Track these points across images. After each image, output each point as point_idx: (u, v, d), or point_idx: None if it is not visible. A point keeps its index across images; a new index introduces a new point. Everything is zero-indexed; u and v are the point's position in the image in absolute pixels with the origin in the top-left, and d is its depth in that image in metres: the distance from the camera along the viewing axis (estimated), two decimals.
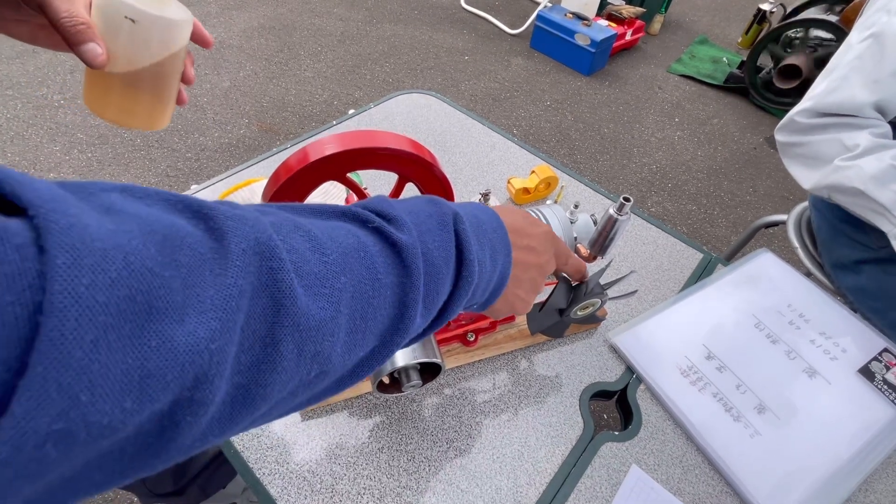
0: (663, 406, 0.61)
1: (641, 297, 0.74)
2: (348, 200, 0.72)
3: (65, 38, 0.37)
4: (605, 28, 2.56)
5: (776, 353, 0.66)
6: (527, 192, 0.85)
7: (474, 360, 0.63)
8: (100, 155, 1.80)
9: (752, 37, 2.97)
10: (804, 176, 0.83)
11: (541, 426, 0.59)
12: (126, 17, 0.37)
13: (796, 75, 2.31)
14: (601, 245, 0.54)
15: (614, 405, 0.66)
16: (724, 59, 2.91)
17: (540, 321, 0.54)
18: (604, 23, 2.63)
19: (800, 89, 2.32)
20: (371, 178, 0.85)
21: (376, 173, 0.84)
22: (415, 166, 0.46)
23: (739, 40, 3.11)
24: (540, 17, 2.61)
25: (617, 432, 0.59)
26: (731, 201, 2.05)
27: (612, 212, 0.51)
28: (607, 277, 0.53)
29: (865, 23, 0.76)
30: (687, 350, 0.66)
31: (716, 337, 0.68)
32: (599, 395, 0.63)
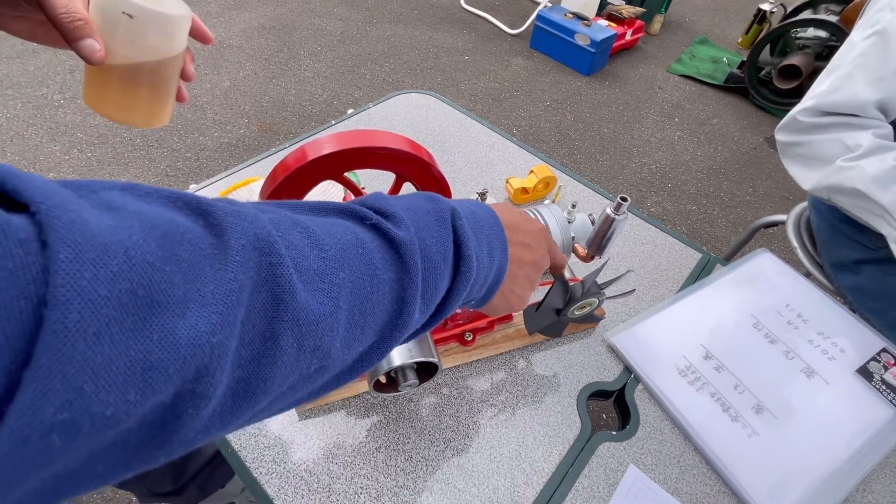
0: (661, 406, 0.61)
1: (640, 297, 0.73)
2: (346, 200, 0.72)
3: (63, 35, 0.36)
4: (605, 28, 2.55)
5: (774, 353, 0.66)
6: (525, 191, 0.85)
7: (472, 359, 0.63)
8: (99, 154, 1.80)
9: (753, 37, 2.96)
10: (804, 176, 0.82)
11: (538, 426, 0.59)
12: (124, 12, 0.37)
13: (796, 75, 2.31)
14: (599, 244, 0.54)
15: (612, 405, 0.66)
16: (725, 59, 2.90)
17: (537, 321, 0.54)
18: (604, 23, 2.63)
19: (800, 89, 2.32)
20: (369, 177, 0.85)
21: (374, 173, 0.84)
22: (412, 166, 0.46)
23: (739, 40, 3.11)
24: (540, 17, 2.61)
25: (614, 432, 0.59)
26: (731, 201, 2.05)
27: (610, 211, 0.51)
28: (605, 277, 0.53)
29: (869, 21, 0.75)
30: (685, 350, 0.66)
31: (714, 337, 0.68)
32: (597, 394, 0.63)
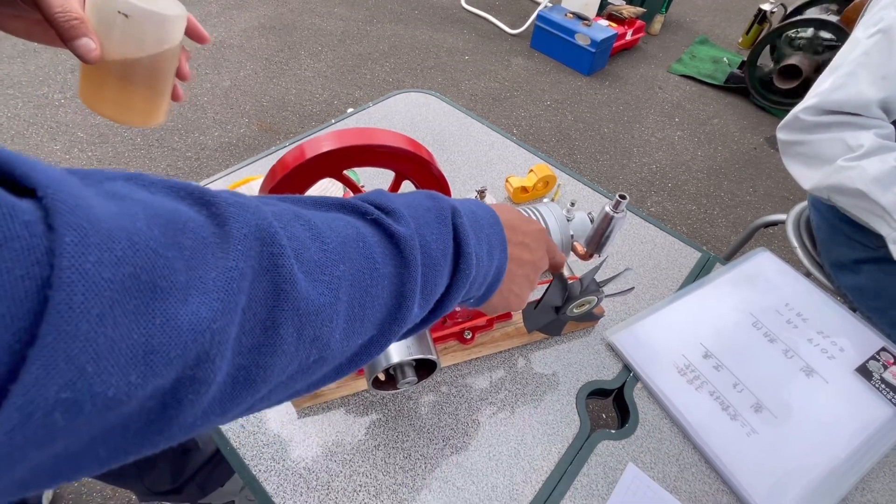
0: (660, 404, 0.61)
1: (639, 296, 0.74)
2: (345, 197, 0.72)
3: (59, 34, 0.37)
4: (605, 28, 2.55)
5: (774, 351, 0.66)
6: (525, 190, 0.85)
7: (471, 357, 0.64)
8: (100, 154, 1.80)
9: (753, 37, 2.96)
10: (805, 175, 0.82)
11: (537, 424, 0.59)
12: (119, 11, 0.38)
13: (797, 75, 2.31)
14: (598, 243, 0.54)
15: (611, 403, 0.66)
16: (725, 59, 2.90)
17: (536, 319, 0.54)
18: (604, 23, 2.63)
19: (800, 90, 2.32)
20: (369, 175, 0.85)
21: (374, 171, 0.84)
22: (412, 164, 0.46)
23: (740, 40, 3.11)
24: (540, 17, 2.61)
25: (614, 430, 0.59)
26: (731, 201, 2.05)
27: (609, 209, 0.51)
28: (604, 275, 0.53)
29: (872, 19, 0.75)
30: (684, 349, 0.66)
31: (713, 336, 0.68)
32: (596, 393, 0.63)
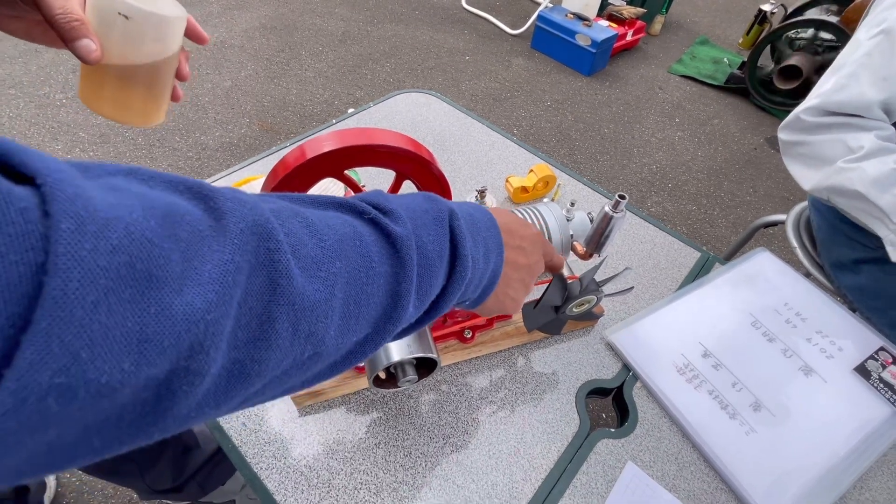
0: (659, 403, 0.62)
1: (638, 296, 0.74)
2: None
3: (59, 35, 0.37)
4: (605, 28, 2.56)
5: (772, 351, 0.67)
6: (525, 190, 0.85)
7: (471, 356, 0.64)
8: (101, 154, 1.81)
9: (753, 37, 2.97)
10: (805, 176, 0.82)
11: (537, 423, 0.59)
12: (119, 13, 0.38)
13: (797, 76, 2.31)
14: (597, 242, 0.54)
15: (611, 402, 0.66)
16: (725, 59, 2.91)
17: (536, 318, 0.54)
18: (604, 23, 2.63)
19: (800, 90, 2.32)
20: (369, 175, 0.86)
21: (374, 171, 0.84)
22: (412, 164, 0.47)
23: (740, 41, 3.11)
24: (541, 18, 2.61)
25: (613, 429, 0.59)
26: (731, 202, 2.05)
27: (608, 209, 0.51)
28: (603, 274, 0.53)
29: (874, 20, 0.75)
30: (683, 348, 0.66)
31: (712, 335, 0.68)
32: (596, 392, 0.64)
